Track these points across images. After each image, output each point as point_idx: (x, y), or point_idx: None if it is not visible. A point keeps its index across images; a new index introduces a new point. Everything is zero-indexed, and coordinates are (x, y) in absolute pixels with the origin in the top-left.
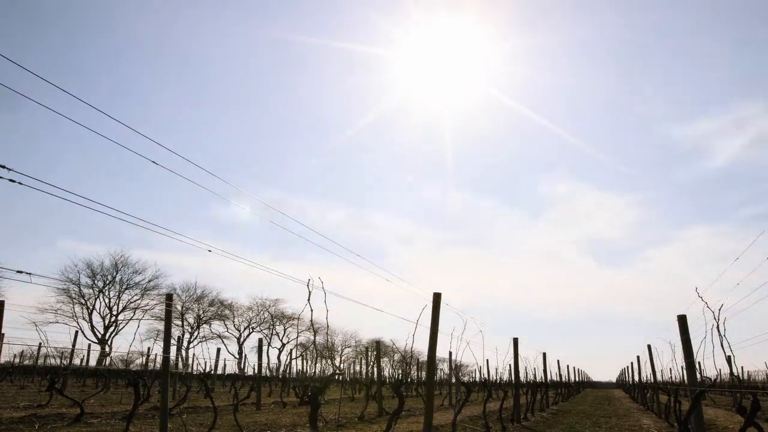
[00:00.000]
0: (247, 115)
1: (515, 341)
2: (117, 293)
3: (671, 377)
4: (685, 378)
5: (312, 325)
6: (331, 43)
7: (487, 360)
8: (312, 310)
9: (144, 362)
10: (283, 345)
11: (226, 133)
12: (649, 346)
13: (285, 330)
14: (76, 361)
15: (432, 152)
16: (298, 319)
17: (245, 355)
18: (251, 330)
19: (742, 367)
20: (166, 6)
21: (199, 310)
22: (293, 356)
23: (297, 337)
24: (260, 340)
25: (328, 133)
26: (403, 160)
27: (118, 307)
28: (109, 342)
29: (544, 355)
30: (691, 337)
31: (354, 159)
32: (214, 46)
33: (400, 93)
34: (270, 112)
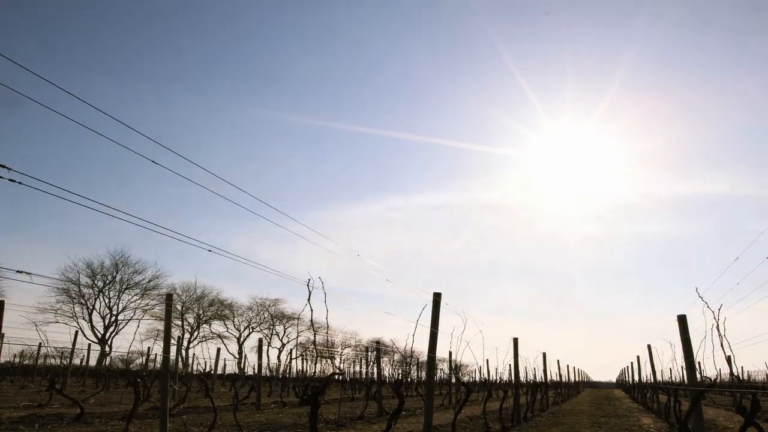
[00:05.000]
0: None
1: (515, 341)
2: (117, 293)
3: (671, 377)
4: (685, 378)
5: (312, 325)
6: (454, 143)
7: (487, 360)
8: (312, 310)
9: (144, 362)
10: (283, 345)
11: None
12: (649, 346)
13: (285, 330)
14: (76, 361)
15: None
16: (298, 319)
17: (245, 355)
18: (251, 330)
19: (742, 367)
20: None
21: (199, 310)
22: (293, 356)
23: (297, 337)
24: (260, 340)
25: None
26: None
27: (118, 307)
28: (109, 342)
29: (544, 355)
30: (691, 337)
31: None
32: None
33: (531, 191)
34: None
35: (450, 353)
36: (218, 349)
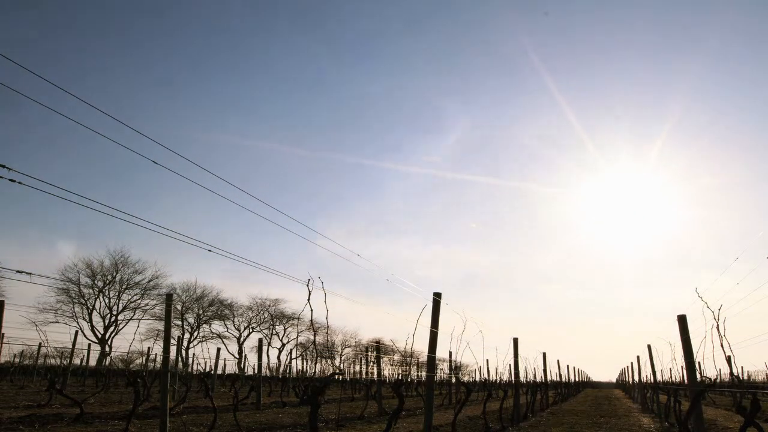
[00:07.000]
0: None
1: (515, 341)
2: (117, 293)
3: (671, 377)
4: (685, 378)
5: (312, 324)
6: (509, 183)
7: (487, 360)
8: (312, 310)
9: (144, 362)
10: (283, 345)
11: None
12: (649, 346)
13: (285, 330)
14: (76, 361)
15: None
16: (298, 319)
17: (245, 355)
18: (251, 330)
19: (742, 367)
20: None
21: (199, 310)
22: (293, 356)
23: (297, 337)
24: (260, 340)
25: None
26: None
27: (118, 307)
28: (109, 342)
29: (544, 355)
30: (691, 337)
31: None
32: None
33: (583, 230)
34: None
35: (450, 353)
36: (218, 349)
